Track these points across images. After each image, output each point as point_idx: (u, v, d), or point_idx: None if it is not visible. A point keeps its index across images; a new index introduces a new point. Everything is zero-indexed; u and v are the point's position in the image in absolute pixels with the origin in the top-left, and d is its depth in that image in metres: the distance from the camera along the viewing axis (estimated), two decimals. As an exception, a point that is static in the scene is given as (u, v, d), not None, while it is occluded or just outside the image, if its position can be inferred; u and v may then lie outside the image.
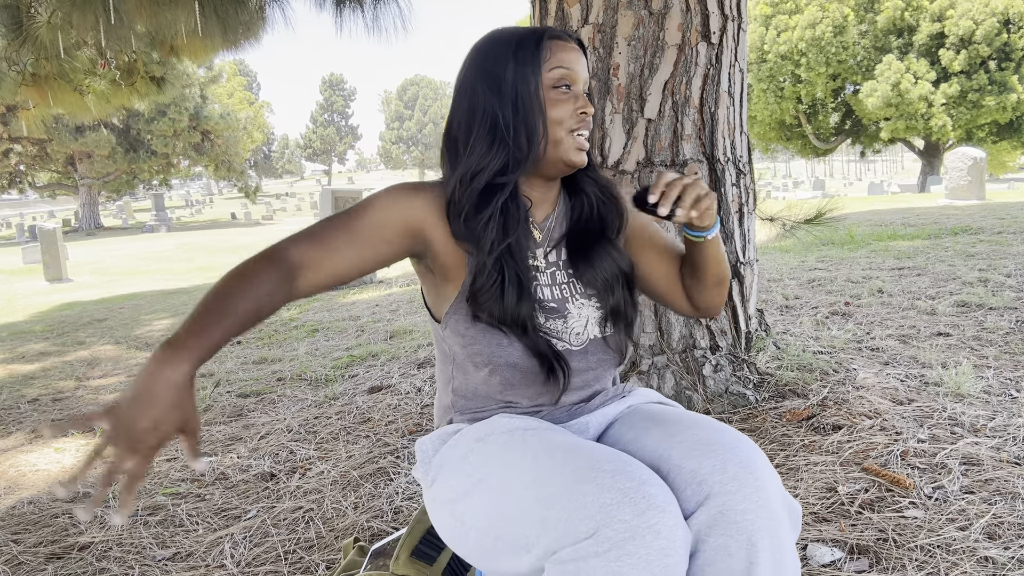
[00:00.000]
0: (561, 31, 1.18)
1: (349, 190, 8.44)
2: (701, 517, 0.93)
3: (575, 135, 1.14)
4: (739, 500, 0.92)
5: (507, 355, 1.13)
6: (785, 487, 1.83)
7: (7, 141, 26.16)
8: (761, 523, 0.91)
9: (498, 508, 0.97)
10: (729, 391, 2.42)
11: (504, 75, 1.13)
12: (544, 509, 0.91)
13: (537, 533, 0.90)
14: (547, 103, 1.13)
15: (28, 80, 5.25)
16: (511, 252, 1.12)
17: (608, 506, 0.86)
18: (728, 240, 2.46)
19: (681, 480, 0.97)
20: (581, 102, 1.14)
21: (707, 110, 2.40)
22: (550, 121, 1.13)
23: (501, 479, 0.99)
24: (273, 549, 1.82)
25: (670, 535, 0.86)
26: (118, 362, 4.47)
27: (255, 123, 35.82)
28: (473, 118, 1.14)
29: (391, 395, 3.07)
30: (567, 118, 1.13)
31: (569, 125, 1.13)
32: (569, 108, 1.13)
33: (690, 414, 1.12)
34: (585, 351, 1.18)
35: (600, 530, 0.85)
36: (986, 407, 2.27)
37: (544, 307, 1.16)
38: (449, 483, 1.08)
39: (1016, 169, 33.73)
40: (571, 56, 1.14)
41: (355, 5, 4.44)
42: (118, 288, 9.73)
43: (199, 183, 72.61)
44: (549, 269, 1.19)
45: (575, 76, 1.14)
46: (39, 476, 2.55)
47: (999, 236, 6.39)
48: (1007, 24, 21.27)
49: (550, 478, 0.93)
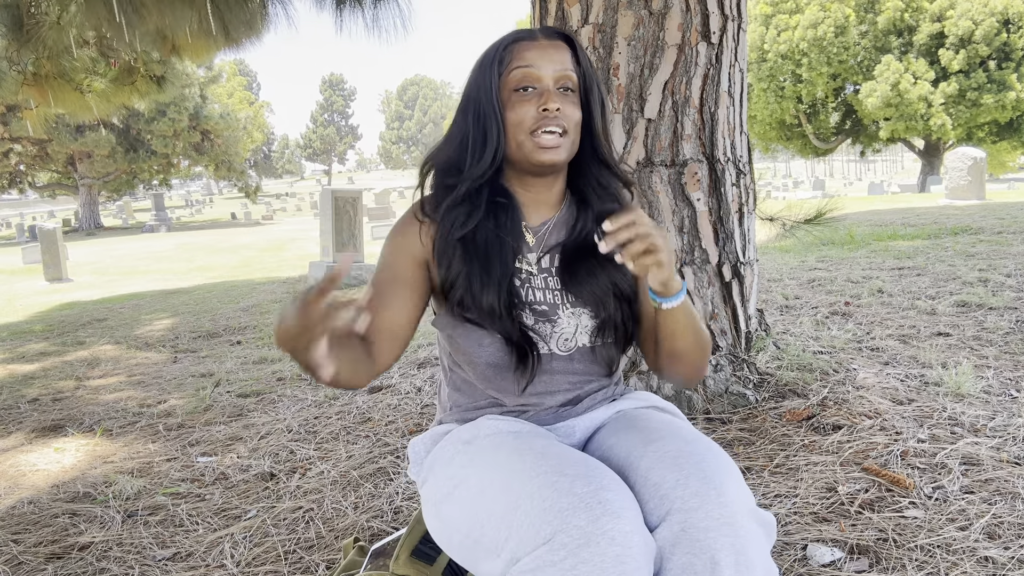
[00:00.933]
0: (538, 30, 1.18)
1: (349, 190, 8.44)
2: (664, 533, 0.91)
3: (537, 135, 1.11)
4: (701, 517, 0.90)
5: (487, 354, 1.15)
6: (785, 487, 1.84)
7: (7, 141, 26.15)
8: (723, 540, 0.89)
9: (475, 511, 0.98)
10: (729, 391, 2.42)
11: (470, 83, 1.18)
12: (510, 513, 0.91)
13: (505, 537, 0.91)
14: (505, 106, 1.13)
15: (29, 80, 5.25)
16: (476, 244, 1.15)
17: (564, 511, 0.86)
18: (728, 240, 2.46)
19: (646, 492, 0.96)
20: (543, 99, 1.11)
21: (707, 110, 2.40)
22: (508, 124, 1.13)
23: (479, 482, 1.00)
24: (273, 549, 1.82)
25: (625, 541, 0.85)
26: (118, 362, 4.47)
27: (255, 123, 35.83)
28: (453, 124, 1.20)
29: (391, 395, 3.07)
30: (526, 119, 1.12)
31: (528, 126, 1.12)
32: (529, 109, 1.12)
33: (671, 423, 1.10)
34: (571, 358, 1.18)
35: (556, 536, 0.85)
36: (986, 407, 2.27)
37: (534, 309, 1.16)
38: (436, 484, 1.10)
39: (1016, 169, 33.72)
40: (535, 54, 1.13)
41: (355, 4, 4.44)
42: (118, 288, 9.73)
43: (199, 183, 72.59)
44: (542, 274, 1.19)
45: (538, 74, 1.12)
46: (39, 476, 2.55)
47: (999, 236, 6.39)
48: (1007, 24, 21.28)
49: (518, 482, 0.93)
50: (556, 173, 1.20)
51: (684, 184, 2.37)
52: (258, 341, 4.77)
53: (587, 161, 1.22)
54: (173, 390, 3.62)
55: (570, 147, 1.15)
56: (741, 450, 2.10)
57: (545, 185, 1.21)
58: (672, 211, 2.38)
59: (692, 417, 2.33)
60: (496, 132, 1.13)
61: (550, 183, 1.21)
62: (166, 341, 5.06)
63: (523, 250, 1.19)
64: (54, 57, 4.93)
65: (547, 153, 1.12)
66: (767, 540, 0.95)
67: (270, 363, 4.02)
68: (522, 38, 1.16)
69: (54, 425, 3.17)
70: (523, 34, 1.17)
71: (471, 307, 1.13)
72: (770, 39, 23.46)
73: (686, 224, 2.39)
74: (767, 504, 1.77)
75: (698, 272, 2.41)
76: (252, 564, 1.76)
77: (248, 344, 4.70)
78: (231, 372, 3.87)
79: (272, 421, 2.92)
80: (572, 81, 1.14)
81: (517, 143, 1.13)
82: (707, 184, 2.41)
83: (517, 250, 1.18)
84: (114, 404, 3.44)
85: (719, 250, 2.43)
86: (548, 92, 1.12)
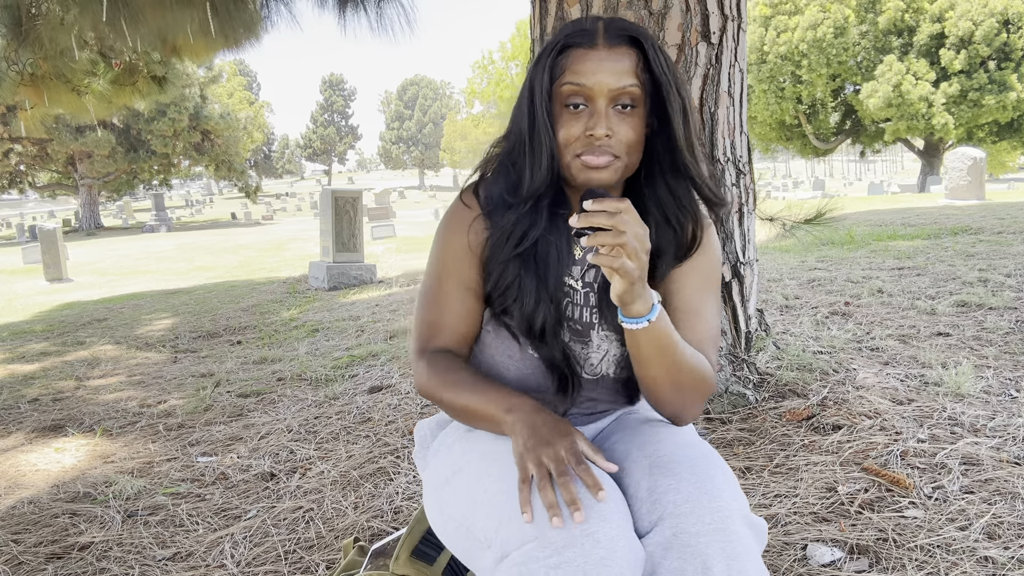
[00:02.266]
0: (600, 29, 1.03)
1: (349, 190, 8.43)
2: (656, 538, 0.91)
3: (582, 157, 1.02)
4: (692, 522, 0.90)
5: (515, 367, 1.13)
6: (785, 487, 1.84)
7: (7, 141, 26.15)
8: (715, 546, 0.88)
9: (471, 498, 0.99)
10: (729, 391, 2.42)
11: (526, 82, 1.07)
12: (502, 504, 0.92)
13: (495, 527, 0.91)
14: (558, 122, 1.03)
15: (27, 80, 5.25)
16: (536, 255, 1.08)
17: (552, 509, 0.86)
18: (728, 240, 2.46)
19: (638, 497, 0.96)
20: (592, 122, 1.00)
21: (707, 110, 2.40)
22: (557, 143, 1.03)
23: (476, 469, 1.01)
24: (273, 549, 1.82)
25: (610, 545, 0.85)
26: (118, 362, 4.47)
27: (255, 123, 35.84)
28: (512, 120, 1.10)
29: (391, 395, 3.07)
30: (571, 141, 1.02)
31: (574, 149, 1.02)
32: (576, 130, 1.01)
33: (669, 428, 1.09)
34: (596, 383, 1.15)
35: (544, 533, 0.85)
36: (986, 407, 2.27)
37: (570, 327, 1.12)
38: (437, 469, 1.11)
39: (1016, 169, 33.73)
40: (590, 66, 1.00)
41: (358, 4, 4.43)
42: (118, 288, 9.73)
43: (199, 183, 72.61)
44: (584, 289, 1.12)
45: (591, 91, 1.00)
46: (39, 476, 2.55)
47: (999, 236, 6.39)
48: (1006, 24, 21.29)
49: (512, 474, 0.94)
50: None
51: (684, 184, 2.37)
52: (258, 341, 4.77)
53: (662, 175, 1.09)
54: (173, 390, 3.62)
55: (622, 171, 1.04)
56: (741, 450, 2.10)
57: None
58: (672, 211, 2.38)
59: (692, 417, 2.33)
60: (548, 147, 1.03)
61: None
62: (166, 341, 5.06)
63: (569, 262, 1.12)
64: (51, 58, 4.93)
65: (592, 173, 1.02)
66: (758, 545, 0.94)
67: (270, 363, 4.02)
68: (578, 43, 1.02)
69: (54, 425, 3.17)
70: (579, 37, 1.02)
71: (517, 319, 1.09)
72: (770, 40, 23.47)
73: (686, 224, 2.39)
74: (767, 504, 1.77)
75: (698, 272, 2.41)
76: (252, 564, 1.76)
77: (248, 344, 4.70)
78: (231, 372, 3.87)
79: (272, 421, 2.92)
80: (634, 96, 1.01)
81: (565, 164, 1.04)
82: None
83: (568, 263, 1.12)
84: (114, 404, 3.44)
85: (715, 239, 2.43)
86: (599, 114, 1.00)
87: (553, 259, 1.08)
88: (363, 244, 8.35)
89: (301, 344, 4.46)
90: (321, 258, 8.36)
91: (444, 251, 1.13)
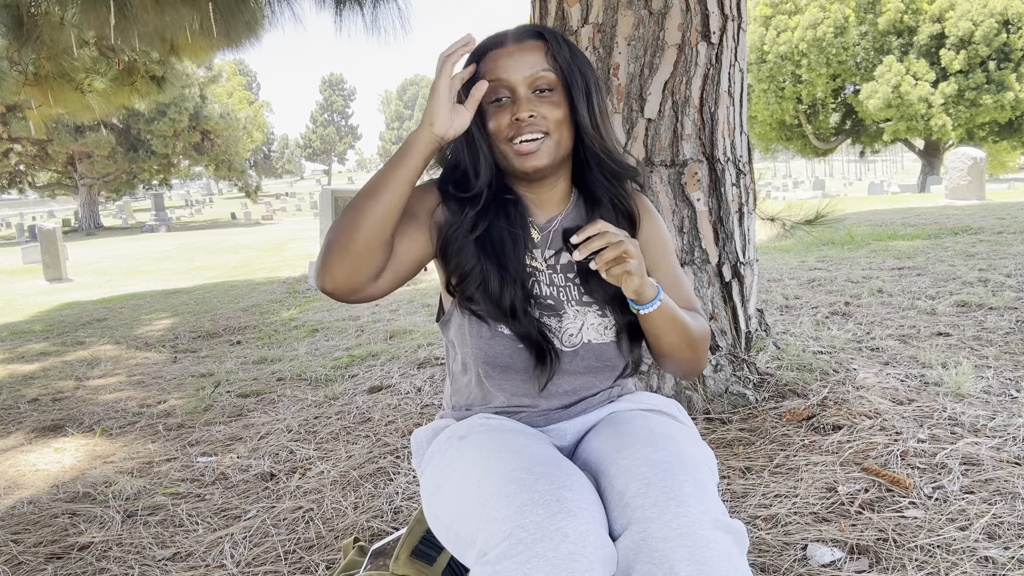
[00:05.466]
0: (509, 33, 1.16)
1: (349, 190, 8.43)
2: (626, 542, 0.91)
3: (515, 143, 1.12)
4: (658, 527, 0.90)
5: (488, 348, 1.15)
6: (785, 487, 1.84)
7: (7, 141, 26.15)
8: (682, 552, 0.87)
9: (456, 504, 1.02)
10: (729, 391, 2.42)
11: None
12: (480, 507, 0.94)
13: (475, 529, 0.93)
14: (487, 119, 1.14)
15: (30, 80, 5.25)
16: (491, 241, 1.15)
17: (524, 507, 0.88)
18: (728, 240, 2.46)
19: (612, 499, 0.96)
20: (516, 107, 1.11)
21: (707, 110, 2.40)
22: (490, 136, 1.14)
23: (460, 477, 1.03)
24: (273, 549, 1.82)
25: (579, 540, 0.86)
26: (118, 362, 4.47)
27: (255, 123, 35.82)
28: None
29: (391, 395, 3.06)
30: (501, 128, 1.12)
31: (505, 135, 1.13)
32: (504, 119, 1.12)
33: (651, 428, 1.08)
34: (575, 354, 1.17)
35: (514, 531, 0.86)
36: (986, 407, 2.27)
37: (540, 303, 1.17)
38: (430, 476, 1.13)
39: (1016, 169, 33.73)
40: (504, 62, 1.12)
41: (354, 4, 4.43)
42: (118, 288, 9.73)
43: (199, 183, 72.60)
44: (548, 271, 1.19)
45: (509, 82, 1.12)
46: (39, 476, 2.55)
47: (999, 236, 6.39)
48: (1006, 24, 21.29)
49: (491, 478, 0.96)
50: (549, 176, 1.18)
51: (684, 184, 2.37)
52: (258, 341, 4.77)
53: (584, 155, 1.20)
54: (173, 390, 3.62)
55: (554, 149, 1.13)
56: (741, 450, 2.10)
57: (546, 186, 1.20)
58: (672, 211, 2.38)
59: (692, 417, 2.33)
60: (485, 146, 1.15)
61: (551, 183, 1.20)
62: (166, 341, 5.06)
63: (529, 246, 1.19)
64: (54, 57, 4.94)
65: (527, 160, 1.12)
66: (737, 547, 0.93)
67: (270, 363, 4.02)
68: (492, 46, 1.15)
69: (54, 425, 3.17)
70: (493, 41, 1.16)
71: (483, 303, 1.14)
72: (770, 40, 23.47)
73: (686, 224, 2.39)
74: (767, 504, 1.77)
75: (698, 272, 2.41)
76: (252, 564, 1.76)
77: (248, 344, 4.70)
78: (231, 372, 3.87)
79: (272, 421, 2.92)
80: (548, 80, 1.13)
81: (501, 153, 1.15)
82: (707, 184, 2.41)
83: (528, 246, 1.19)
84: (114, 404, 3.44)
85: (719, 250, 2.43)
86: (520, 100, 1.11)
87: (508, 243, 1.16)
88: (363, 244, 8.33)
89: (301, 344, 4.46)
90: (321, 258, 8.35)
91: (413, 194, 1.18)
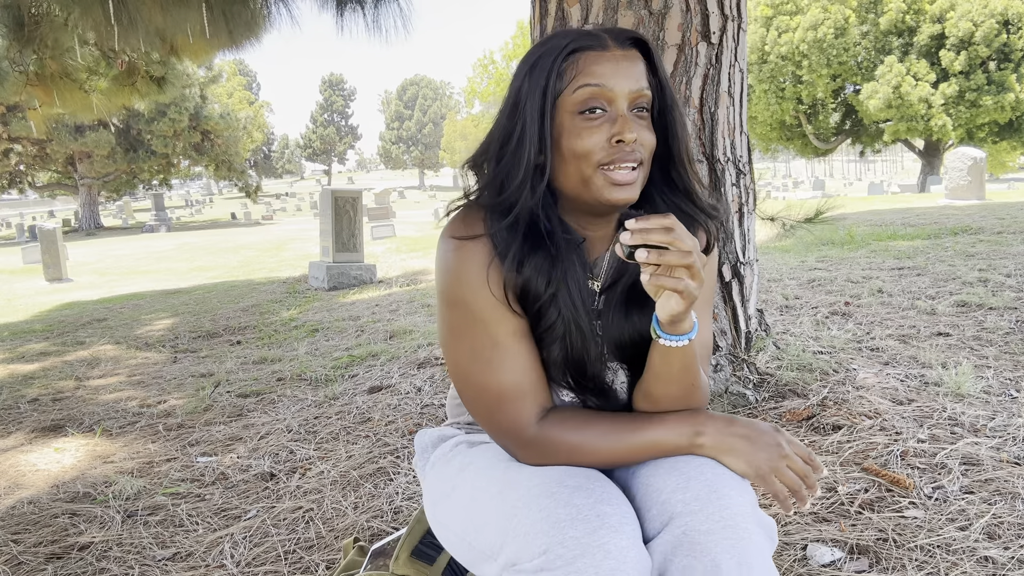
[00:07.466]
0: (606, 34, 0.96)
1: (349, 190, 8.44)
2: (666, 538, 0.90)
3: (610, 170, 0.92)
4: (701, 520, 0.89)
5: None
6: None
7: (7, 141, 26.15)
8: (725, 544, 0.88)
9: (469, 516, 0.98)
10: (729, 391, 2.42)
11: (518, 93, 0.97)
12: (506, 520, 0.91)
13: (501, 543, 0.91)
14: (564, 132, 0.93)
15: (32, 80, 5.26)
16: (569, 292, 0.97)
17: (561, 522, 0.85)
18: (728, 240, 2.46)
19: (648, 499, 0.95)
20: (618, 127, 0.91)
21: (707, 110, 2.40)
22: (568, 155, 0.93)
23: (473, 486, 1.00)
24: (273, 549, 1.82)
25: (620, 556, 0.84)
26: (118, 362, 4.47)
27: (255, 123, 35.85)
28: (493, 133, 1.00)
29: (391, 395, 3.06)
30: (595, 150, 0.92)
31: (598, 159, 0.92)
32: (599, 137, 0.92)
33: None
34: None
35: (552, 548, 0.84)
36: (986, 407, 2.27)
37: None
38: (435, 483, 1.11)
39: (1016, 169, 33.74)
40: (607, 68, 0.92)
41: (355, 5, 4.44)
42: (118, 288, 9.73)
43: (199, 183, 72.59)
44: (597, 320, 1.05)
45: (611, 93, 0.92)
46: (39, 476, 2.55)
47: (999, 236, 6.39)
48: (1006, 25, 21.30)
49: (515, 490, 0.93)
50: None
51: (684, 184, 2.37)
52: (258, 341, 4.77)
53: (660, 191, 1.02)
54: (173, 390, 3.62)
55: (643, 182, 0.97)
56: (741, 450, 2.10)
57: (606, 222, 1.03)
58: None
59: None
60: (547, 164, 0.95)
61: (610, 219, 1.03)
62: (166, 341, 5.06)
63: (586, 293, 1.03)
64: (58, 57, 4.94)
65: (622, 191, 0.93)
66: (769, 544, 0.94)
67: (270, 363, 4.02)
68: (588, 46, 0.94)
69: (54, 425, 3.17)
70: (588, 40, 0.95)
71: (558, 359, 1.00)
72: (771, 40, 23.49)
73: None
74: (766, 504, 1.77)
75: (698, 272, 2.41)
76: (252, 564, 1.76)
77: (248, 344, 4.70)
78: (231, 372, 3.87)
79: (272, 421, 2.92)
80: (648, 99, 0.95)
81: (583, 178, 0.93)
82: (707, 184, 2.41)
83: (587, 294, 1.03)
84: (114, 404, 3.44)
85: (719, 250, 2.43)
86: (623, 118, 0.92)
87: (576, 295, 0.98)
88: (363, 244, 8.35)
89: (301, 344, 4.46)
90: (321, 258, 8.35)
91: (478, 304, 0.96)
